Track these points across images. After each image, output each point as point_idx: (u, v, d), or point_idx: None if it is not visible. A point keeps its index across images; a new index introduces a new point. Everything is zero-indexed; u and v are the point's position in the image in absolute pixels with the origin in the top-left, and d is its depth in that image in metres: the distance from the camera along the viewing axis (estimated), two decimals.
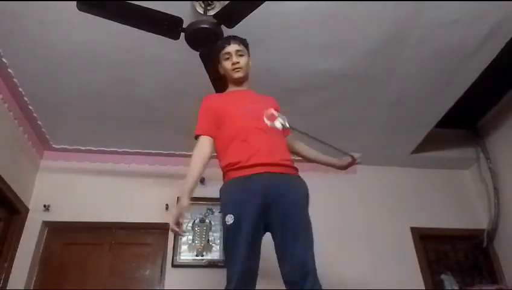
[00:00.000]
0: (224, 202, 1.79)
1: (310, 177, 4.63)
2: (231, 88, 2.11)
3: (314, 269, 1.65)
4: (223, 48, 2.04)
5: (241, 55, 2.03)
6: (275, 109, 1.88)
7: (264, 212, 1.71)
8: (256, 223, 1.69)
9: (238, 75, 2.03)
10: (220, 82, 2.55)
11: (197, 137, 1.96)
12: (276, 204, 1.71)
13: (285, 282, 1.65)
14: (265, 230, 1.76)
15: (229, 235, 1.71)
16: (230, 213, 1.71)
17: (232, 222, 1.68)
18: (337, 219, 3.96)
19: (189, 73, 2.94)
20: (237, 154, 1.81)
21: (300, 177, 1.88)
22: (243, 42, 2.07)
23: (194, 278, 3.50)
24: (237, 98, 2.02)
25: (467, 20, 2.69)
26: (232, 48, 2.02)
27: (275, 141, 1.87)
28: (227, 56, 2.03)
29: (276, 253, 1.71)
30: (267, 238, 1.76)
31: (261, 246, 1.74)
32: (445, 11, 2.61)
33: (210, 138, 1.93)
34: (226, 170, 1.85)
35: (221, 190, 1.86)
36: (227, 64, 2.03)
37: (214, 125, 1.94)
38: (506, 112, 4.00)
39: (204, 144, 1.92)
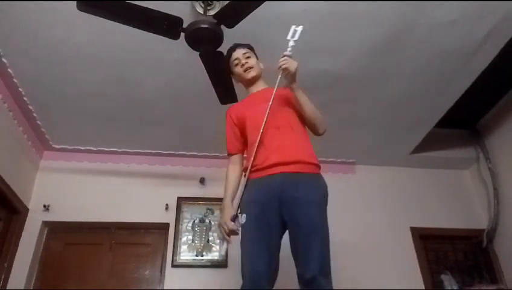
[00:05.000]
0: (242, 202, 1.84)
1: None
2: (249, 91, 2.14)
3: (327, 271, 1.63)
4: (230, 56, 2.12)
5: (248, 57, 2.09)
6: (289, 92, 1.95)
7: (278, 213, 1.73)
8: (268, 224, 1.72)
9: (251, 74, 2.07)
10: (221, 88, 2.56)
11: (229, 154, 2.07)
12: (288, 204, 1.73)
13: (300, 282, 1.65)
14: (284, 229, 1.78)
15: (243, 235, 1.76)
16: (244, 213, 1.78)
17: (245, 221, 1.75)
18: (337, 219, 3.95)
19: (189, 73, 2.94)
20: (254, 156, 1.85)
21: (318, 175, 1.86)
22: (248, 46, 2.14)
23: (194, 278, 3.50)
24: (253, 100, 2.05)
25: (466, 20, 2.69)
26: (239, 52, 2.09)
27: (290, 138, 1.88)
28: (236, 62, 2.09)
29: (291, 252, 1.72)
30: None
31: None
32: (445, 11, 2.61)
33: (239, 154, 2.05)
34: (248, 172, 1.90)
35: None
36: (239, 69, 2.09)
37: (239, 140, 2.04)
38: (506, 112, 4.01)
39: (235, 162, 2.03)
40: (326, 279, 1.61)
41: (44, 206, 3.61)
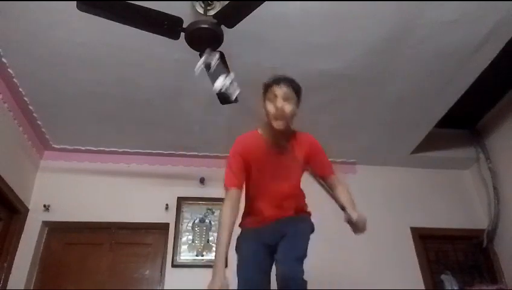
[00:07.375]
0: (237, 245, 1.94)
1: (310, 177, 4.63)
2: (268, 133, 1.88)
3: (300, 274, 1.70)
4: (271, 86, 1.81)
5: (287, 99, 1.78)
6: (308, 152, 1.95)
7: (270, 252, 1.85)
8: (261, 265, 1.86)
9: (278, 126, 1.78)
10: (223, 96, 2.56)
11: (229, 188, 1.82)
12: (279, 239, 1.83)
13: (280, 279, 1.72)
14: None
15: (238, 273, 1.88)
16: (239, 254, 1.93)
17: (238, 263, 1.89)
18: (337, 219, 3.96)
19: (189, 73, 2.93)
20: (254, 210, 1.95)
21: (307, 215, 2.07)
22: (295, 87, 1.81)
23: (194, 278, 3.48)
24: (270, 151, 1.87)
25: (467, 20, 2.69)
26: (281, 90, 1.77)
27: (293, 195, 1.99)
28: (272, 97, 1.80)
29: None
30: None
31: None
32: (445, 11, 2.61)
33: (240, 190, 1.83)
34: (243, 216, 1.99)
35: (238, 236, 1.96)
36: (270, 108, 1.79)
37: (242, 174, 1.85)
38: (506, 112, 4.00)
39: (235, 199, 1.80)
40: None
41: (45, 206, 3.61)
